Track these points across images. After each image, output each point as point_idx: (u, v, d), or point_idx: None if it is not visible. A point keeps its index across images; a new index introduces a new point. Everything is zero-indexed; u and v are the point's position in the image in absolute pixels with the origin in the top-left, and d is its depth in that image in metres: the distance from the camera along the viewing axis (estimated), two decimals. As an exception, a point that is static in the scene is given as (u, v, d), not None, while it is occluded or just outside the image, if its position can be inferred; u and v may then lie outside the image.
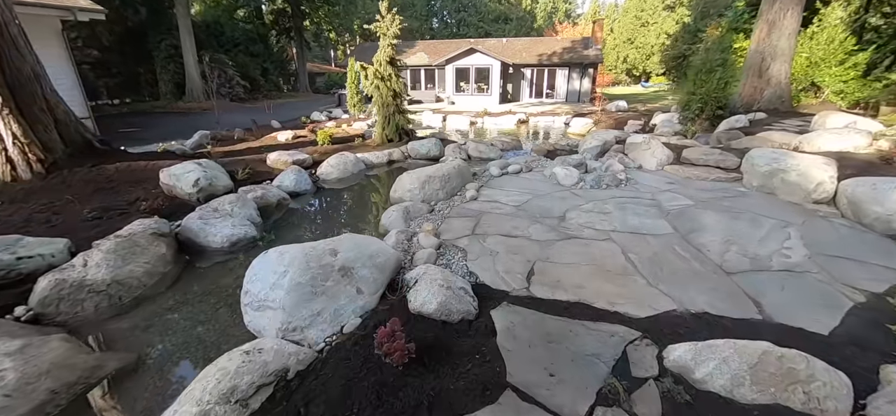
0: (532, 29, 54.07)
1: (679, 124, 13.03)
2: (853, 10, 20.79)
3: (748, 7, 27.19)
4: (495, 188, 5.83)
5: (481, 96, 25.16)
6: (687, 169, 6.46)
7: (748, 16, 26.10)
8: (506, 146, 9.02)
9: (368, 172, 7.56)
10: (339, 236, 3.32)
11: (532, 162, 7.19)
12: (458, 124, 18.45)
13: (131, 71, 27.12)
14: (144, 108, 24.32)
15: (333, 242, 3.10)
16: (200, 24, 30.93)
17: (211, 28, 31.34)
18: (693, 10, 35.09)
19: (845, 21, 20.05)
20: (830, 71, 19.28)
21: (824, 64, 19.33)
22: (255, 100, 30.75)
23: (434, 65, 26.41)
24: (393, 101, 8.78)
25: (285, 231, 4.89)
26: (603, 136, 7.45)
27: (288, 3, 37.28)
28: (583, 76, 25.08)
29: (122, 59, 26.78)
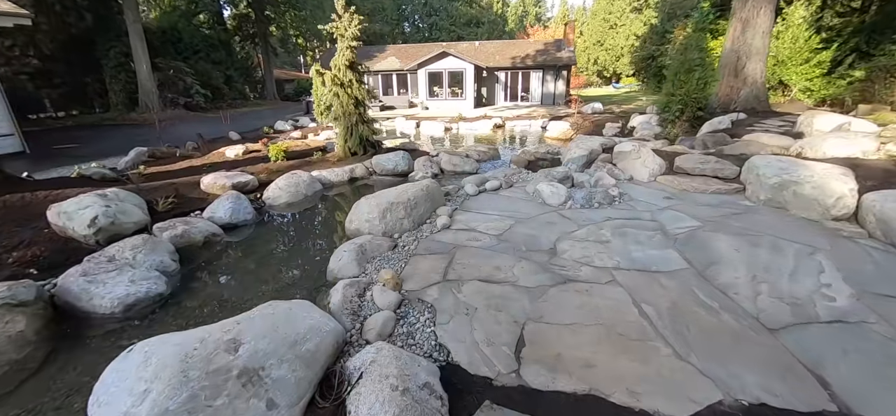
0: (504, 32, 53.91)
1: (658, 127, 12.59)
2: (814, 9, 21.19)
3: (714, 8, 27.55)
4: (472, 212, 4.95)
5: (455, 101, 24.37)
6: (682, 180, 5.76)
7: (714, 16, 26.42)
8: (482, 157, 8.18)
9: (327, 192, 6.54)
10: (251, 311, 2.33)
11: (512, 175, 6.36)
12: (433, 131, 17.56)
13: (78, 81, 24.88)
14: (92, 120, 22.35)
15: (236, 326, 2.12)
16: (155, 30, 28.90)
17: (167, 34, 29.33)
18: (660, 11, 35.52)
19: (808, 20, 20.36)
20: (796, 69, 19.50)
21: (791, 63, 19.51)
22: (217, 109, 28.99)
23: (406, 70, 25.46)
24: (355, 110, 7.80)
25: (202, 285, 3.81)
26: (588, 144, 6.71)
27: (251, 9, 35.51)
28: (557, 78, 24.68)
29: (67, 69, 24.54)
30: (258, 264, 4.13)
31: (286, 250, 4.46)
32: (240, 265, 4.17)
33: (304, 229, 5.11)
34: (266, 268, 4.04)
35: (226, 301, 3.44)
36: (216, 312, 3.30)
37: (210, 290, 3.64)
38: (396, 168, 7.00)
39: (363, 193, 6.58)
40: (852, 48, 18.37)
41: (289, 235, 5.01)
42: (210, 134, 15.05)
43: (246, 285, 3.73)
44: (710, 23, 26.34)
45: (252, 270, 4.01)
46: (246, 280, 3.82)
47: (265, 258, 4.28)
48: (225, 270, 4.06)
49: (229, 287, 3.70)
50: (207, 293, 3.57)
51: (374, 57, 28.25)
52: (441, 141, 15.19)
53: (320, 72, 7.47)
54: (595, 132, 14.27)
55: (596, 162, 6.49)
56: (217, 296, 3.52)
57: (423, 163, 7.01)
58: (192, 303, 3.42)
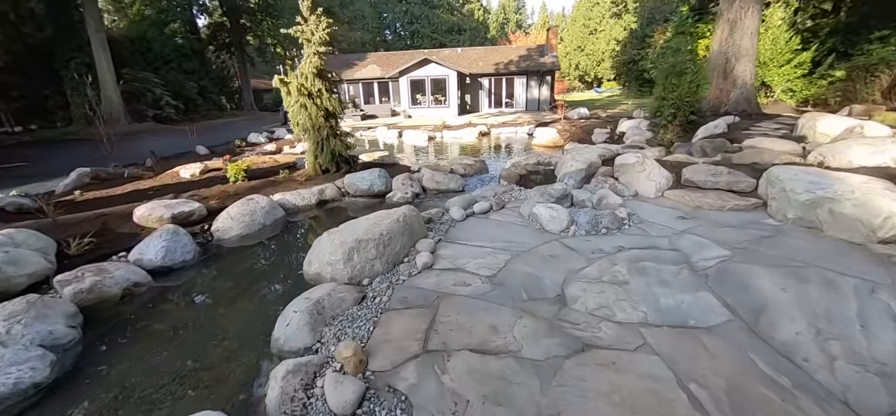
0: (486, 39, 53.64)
1: (649, 132, 12.06)
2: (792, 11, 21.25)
3: (692, 12, 27.67)
4: (459, 243, 4.13)
5: (439, 108, 23.64)
6: (694, 195, 5.08)
7: (693, 20, 26.51)
8: (468, 171, 7.40)
9: (291, 218, 5.63)
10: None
11: (503, 194, 5.59)
12: (416, 140, 16.74)
13: (37, 94, 23.27)
14: (53, 135, 20.85)
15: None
16: (123, 39, 27.41)
17: (136, 44, 27.85)
18: (639, 16, 35.63)
19: (787, 21, 20.36)
20: (778, 71, 19.40)
21: (772, 64, 19.39)
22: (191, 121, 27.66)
23: (387, 77, 24.64)
24: (325, 123, 6.92)
25: (104, 365, 2.86)
26: (585, 155, 6.00)
27: (226, 17, 34.19)
28: (541, 84, 24.21)
29: (25, 81, 22.93)
30: (185, 329, 3.20)
31: (226, 306, 3.54)
32: (159, 332, 3.20)
33: (255, 272, 4.16)
34: (194, 335, 3.12)
35: (129, 394, 2.53)
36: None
37: (111, 374, 2.70)
38: (372, 188, 6.14)
39: (334, 218, 5.73)
40: (830, 49, 18.39)
41: (235, 280, 4.03)
42: (175, 149, 13.94)
43: (161, 365, 2.79)
44: (690, 26, 26.39)
45: (174, 338, 3.08)
46: (163, 356, 2.89)
47: (196, 319, 3.36)
48: (139, 338, 3.11)
49: (138, 368, 2.76)
50: (107, 380, 2.64)
51: (355, 65, 27.36)
52: (424, 151, 14.39)
53: (284, 81, 6.58)
54: (584, 139, 13.68)
55: (596, 176, 5.77)
56: (118, 384, 2.60)
57: (402, 181, 6.16)
58: (80, 398, 2.49)
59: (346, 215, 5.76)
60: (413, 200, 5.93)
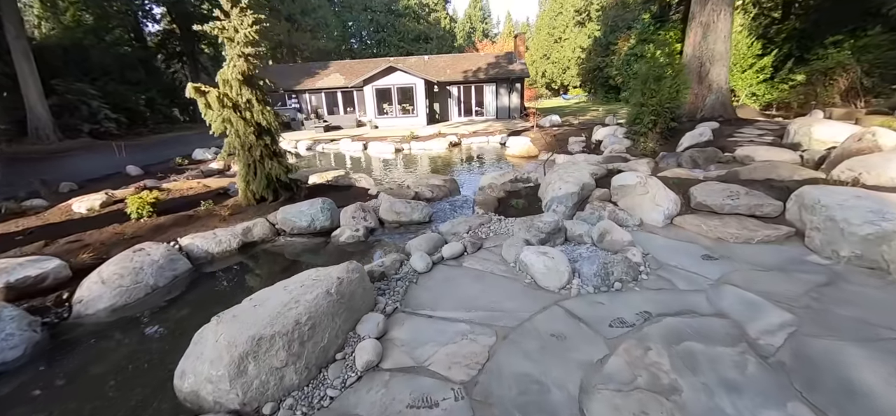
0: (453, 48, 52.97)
1: (627, 139, 11.31)
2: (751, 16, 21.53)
3: (654, 19, 27.89)
4: (420, 314, 2.89)
5: (407, 118, 22.37)
6: (711, 222, 4.07)
7: (654, 28, 26.67)
8: (436, 193, 6.18)
9: (201, 270, 4.19)
10: None
11: (479, 227, 4.40)
12: (382, 152, 15.41)
13: (-59, 110, 20.18)
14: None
15: None
16: (55, 47, 24.56)
17: (70, 53, 24.97)
18: (602, 24, 35.88)
19: (747, 27, 20.55)
20: (741, 76, 19.49)
21: (736, 68, 19.42)
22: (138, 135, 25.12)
23: (351, 87, 23.16)
24: (258, 140, 5.52)
25: None
26: (576, 175, 4.91)
27: (176, 24, 31.57)
28: (511, 91, 23.46)
29: (-74, 96, 19.85)
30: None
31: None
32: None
33: (120, 379, 2.70)
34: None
35: None
36: None
37: None
38: (313, 225, 4.75)
39: (262, 268, 4.34)
40: (786, 54, 18.61)
41: (81, 396, 2.57)
42: (103, 169, 11.95)
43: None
44: (651, 34, 26.54)
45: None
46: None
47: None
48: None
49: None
50: None
51: (317, 74, 25.71)
52: (392, 164, 13.08)
53: (200, 90, 5.12)
54: (559, 148, 12.81)
55: (591, 201, 4.69)
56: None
57: (353, 214, 4.82)
58: None
59: (276, 264, 4.39)
60: (367, 239, 4.63)
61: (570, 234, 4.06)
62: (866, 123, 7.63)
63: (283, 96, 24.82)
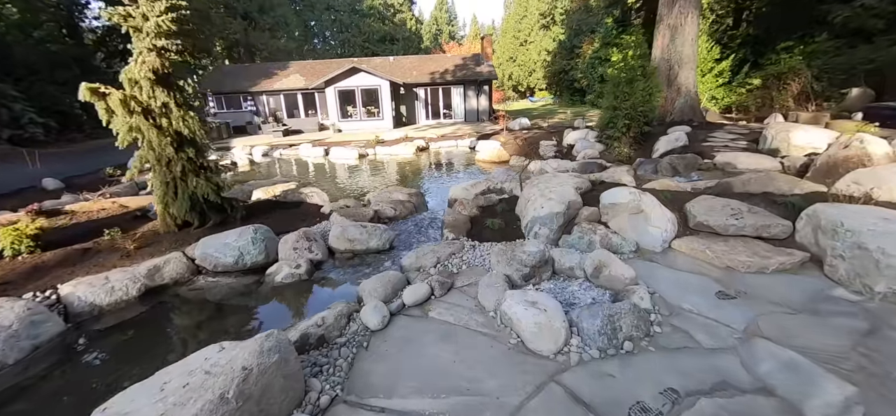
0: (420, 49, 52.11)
1: (599, 144, 10.94)
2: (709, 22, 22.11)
3: (616, 23, 28.32)
4: (368, 409, 2.06)
5: (372, 121, 21.31)
6: (715, 247, 3.50)
7: (617, 32, 27.05)
8: (399, 211, 5.33)
9: (82, 332, 3.13)
10: None
11: (450, 257, 3.62)
12: (345, 158, 14.34)
13: None
14: None
15: None
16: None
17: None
18: (566, 28, 36.21)
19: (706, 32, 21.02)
20: (702, 80, 19.87)
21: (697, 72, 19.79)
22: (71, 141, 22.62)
23: (312, 88, 21.79)
24: (178, 153, 4.45)
25: None
26: (559, 190, 4.22)
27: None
28: (479, 94, 22.90)
29: None
30: None
31: None
32: None
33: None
34: None
35: None
36: None
37: None
38: (242, 261, 3.75)
39: (167, 325, 3.34)
40: (741, 59, 19.16)
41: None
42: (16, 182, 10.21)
43: None
44: (614, 38, 26.90)
45: None
46: None
47: None
48: None
49: None
50: None
51: (275, 75, 24.10)
52: (355, 171, 12.09)
53: (99, 91, 3.99)
54: (531, 153, 12.30)
55: (578, 221, 4.01)
56: None
57: (294, 244, 3.87)
58: None
59: (188, 318, 3.39)
60: (311, 276, 3.71)
61: (558, 265, 3.35)
62: (836, 127, 7.51)
63: (238, 99, 23.11)
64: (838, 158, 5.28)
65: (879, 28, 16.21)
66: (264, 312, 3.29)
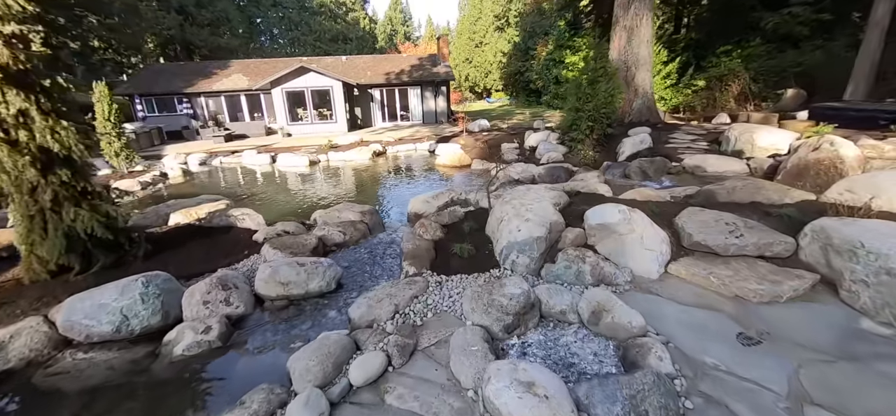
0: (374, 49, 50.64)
1: (562, 145, 10.61)
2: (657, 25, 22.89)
3: (568, 26, 28.77)
4: None
5: (325, 124, 19.95)
6: (719, 271, 3.02)
7: (570, 35, 27.48)
8: (350, 235, 4.45)
9: None
10: None
11: (410, 302, 2.86)
12: (294, 165, 13.07)
13: None
14: None
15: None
16: None
17: None
18: (521, 30, 36.50)
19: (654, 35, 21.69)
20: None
21: (649, 74, 20.35)
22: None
23: (257, 89, 20.02)
24: (46, 177, 3.31)
25: None
26: (539, 211, 3.56)
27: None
28: (437, 95, 22.20)
29: None
30: None
31: None
32: None
33: None
34: None
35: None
36: None
37: None
38: (125, 328, 2.59)
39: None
40: (685, 62, 19.96)
41: None
42: None
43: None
44: (567, 40, 27.34)
45: None
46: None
47: None
48: None
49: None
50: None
51: (214, 74, 21.96)
52: (306, 180, 10.94)
53: None
54: (493, 156, 11.78)
55: (563, 245, 3.39)
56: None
57: (205, 296, 2.80)
58: None
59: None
60: (227, 340, 2.76)
61: (546, 308, 2.69)
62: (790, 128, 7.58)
63: (172, 101, 20.80)
64: (809, 160, 5.11)
65: (805, 34, 17.38)
66: (155, 405, 2.34)
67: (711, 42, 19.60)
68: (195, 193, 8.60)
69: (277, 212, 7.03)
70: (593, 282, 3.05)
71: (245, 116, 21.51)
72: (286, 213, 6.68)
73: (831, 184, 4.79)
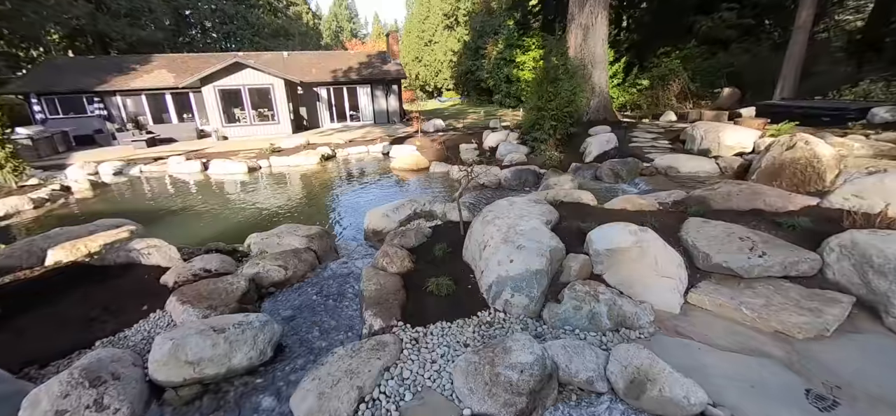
0: (319, 47, 48.05)
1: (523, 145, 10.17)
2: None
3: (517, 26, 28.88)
4: None
5: (266, 126, 18.13)
6: (749, 299, 2.53)
7: (519, 34, 27.56)
8: (293, 272, 3.44)
9: None
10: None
11: (379, 379, 2.03)
12: (230, 172, 11.51)
13: None
14: None
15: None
16: None
17: None
18: (471, 29, 36.24)
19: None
20: (599, 80, 20.94)
21: (599, 73, 20.78)
22: None
23: (185, 87, 17.72)
24: None
25: None
26: (536, 237, 2.84)
27: None
28: (388, 94, 21.11)
29: None
30: None
31: None
32: None
33: None
34: None
35: None
36: None
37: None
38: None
39: None
40: (629, 62, 20.67)
41: None
42: None
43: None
44: (516, 40, 27.42)
45: None
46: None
47: None
48: None
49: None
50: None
51: (133, 70, 19.19)
52: (243, 190, 9.55)
53: None
54: (451, 157, 11.09)
55: (568, 279, 2.73)
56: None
57: (57, 405, 1.81)
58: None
59: None
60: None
61: (565, 374, 2.00)
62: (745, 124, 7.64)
63: (81, 100, 17.84)
64: (784, 159, 4.94)
65: (733, 38, 18.56)
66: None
67: (652, 44, 20.43)
68: (106, 212, 7.02)
69: (203, 235, 5.79)
70: (612, 326, 2.42)
71: (172, 118, 19.08)
72: (214, 235, 5.49)
73: (808, 183, 4.59)
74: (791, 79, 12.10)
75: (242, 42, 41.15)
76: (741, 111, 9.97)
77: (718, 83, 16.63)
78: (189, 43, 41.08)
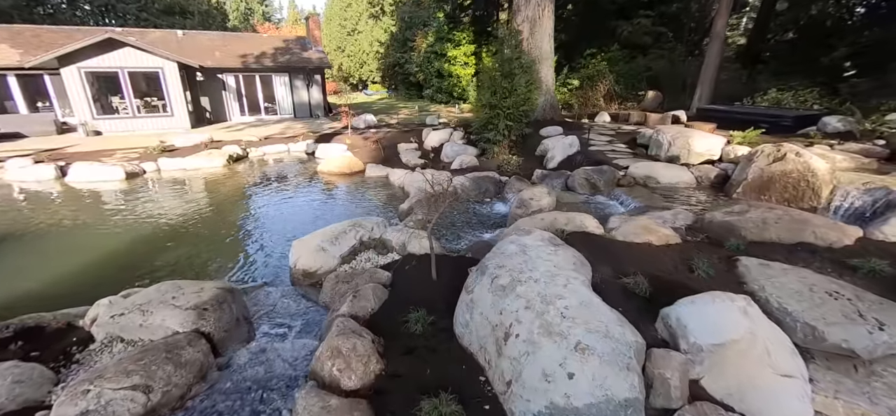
0: (225, 29, 42.14)
1: (471, 146, 9.16)
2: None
3: (447, 19, 27.93)
4: None
5: (156, 118, 14.69)
6: (881, 398, 1.71)
7: (449, 28, 26.67)
8: (162, 395, 1.93)
9: None
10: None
11: None
12: (98, 179, 8.72)
13: None
14: None
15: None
16: None
17: None
18: (398, 20, 34.46)
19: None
20: (532, 79, 20.90)
21: (533, 72, 20.68)
22: None
23: (36, 67, 13.52)
24: None
25: None
26: (601, 322, 1.76)
27: None
28: (310, 84, 18.65)
29: None
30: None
31: None
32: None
33: None
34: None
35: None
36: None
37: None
38: None
39: None
40: (558, 62, 20.97)
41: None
42: None
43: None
44: (447, 33, 26.50)
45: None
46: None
47: None
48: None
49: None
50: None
51: (-51, 41, 14.24)
52: (112, 210, 7.10)
53: None
54: (390, 159, 9.66)
55: (670, 406, 1.67)
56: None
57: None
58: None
59: None
60: None
61: None
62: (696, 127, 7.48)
63: None
64: (773, 172, 4.52)
65: (649, 44, 19.64)
66: None
67: (578, 45, 20.93)
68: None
69: (23, 288, 3.71)
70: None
71: (19, 107, 14.64)
72: (43, 290, 3.49)
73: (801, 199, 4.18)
74: (707, 85, 12.83)
75: (127, 17, 34.27)
76: (679, 114, 10.06)
77: (640, 86, 17.40)
78: (53, 15, 32.97)
